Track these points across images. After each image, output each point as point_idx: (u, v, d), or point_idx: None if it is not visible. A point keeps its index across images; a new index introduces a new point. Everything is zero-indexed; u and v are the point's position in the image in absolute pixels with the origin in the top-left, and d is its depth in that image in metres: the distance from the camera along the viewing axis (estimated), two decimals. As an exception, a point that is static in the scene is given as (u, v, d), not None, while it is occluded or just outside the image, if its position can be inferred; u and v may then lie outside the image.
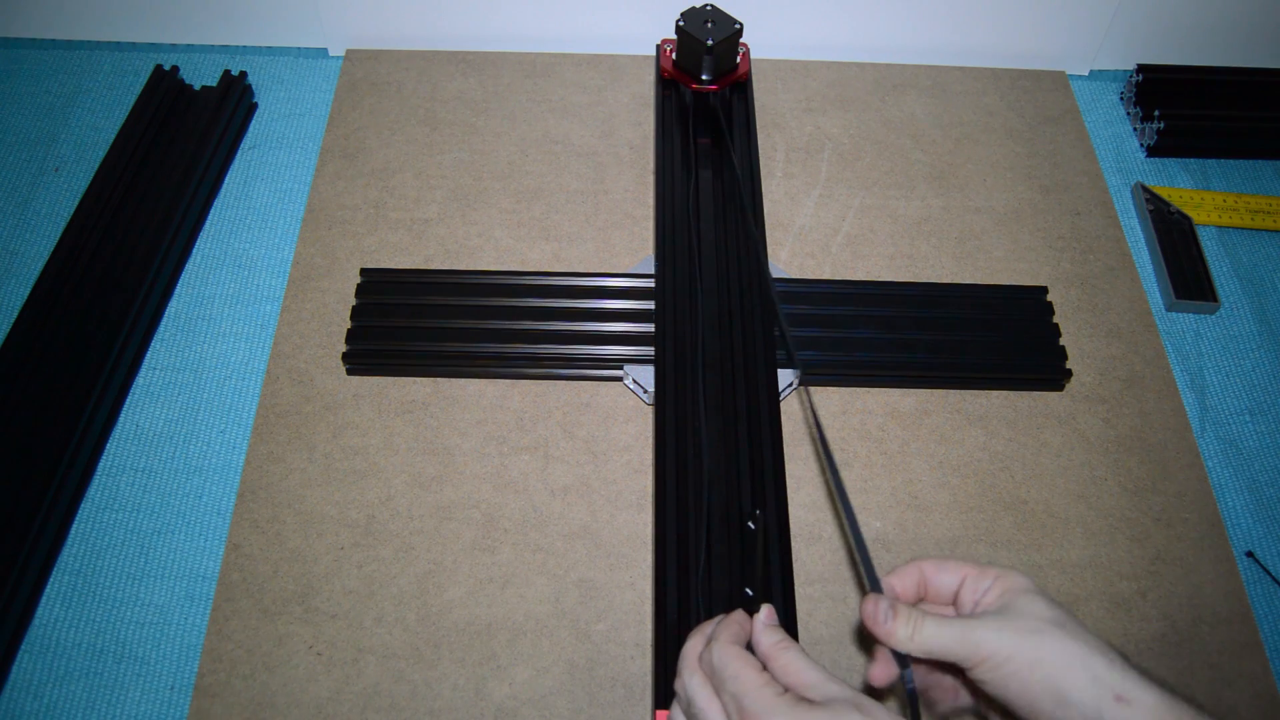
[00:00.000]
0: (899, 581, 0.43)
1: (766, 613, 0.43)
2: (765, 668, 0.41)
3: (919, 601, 0.43)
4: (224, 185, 0.73)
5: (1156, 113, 0.77)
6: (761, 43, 0.77)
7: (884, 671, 0.42)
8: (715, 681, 0.40)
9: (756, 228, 0.64)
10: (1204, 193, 0.75)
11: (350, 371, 0.63)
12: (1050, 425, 0.62)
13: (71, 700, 0.52)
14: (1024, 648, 0.37)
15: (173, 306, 0.67)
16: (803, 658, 0.40)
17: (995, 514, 0.58)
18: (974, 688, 0.42)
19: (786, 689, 0.39)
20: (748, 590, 0.44)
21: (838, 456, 0.60)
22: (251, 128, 0.77)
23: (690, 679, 0.41)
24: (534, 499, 0.58)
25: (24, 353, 0.60)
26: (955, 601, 0.43)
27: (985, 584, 0.41)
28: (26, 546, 0.54)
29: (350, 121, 0.76)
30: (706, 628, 0.44)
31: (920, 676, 0.44)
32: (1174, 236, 0.72)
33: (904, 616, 0.39)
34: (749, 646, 0.43)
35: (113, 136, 0.72)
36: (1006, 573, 0.41)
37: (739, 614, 0.43)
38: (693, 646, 0.43)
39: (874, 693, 0.41)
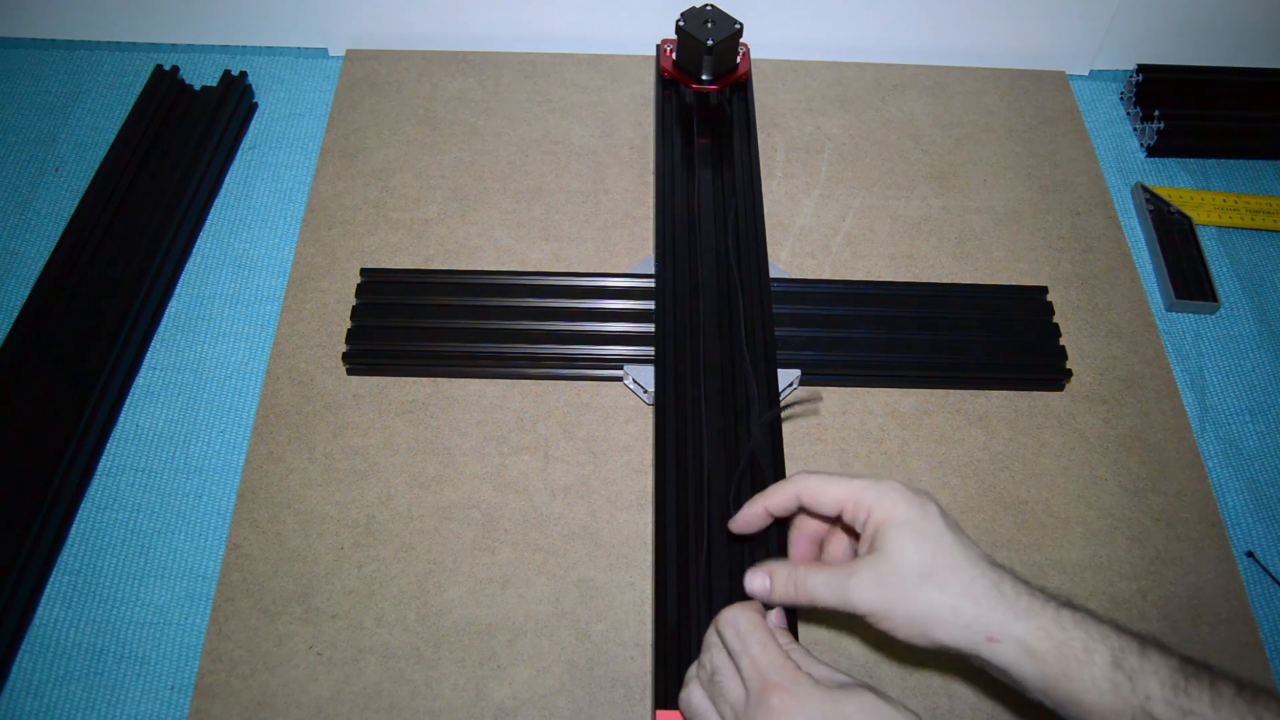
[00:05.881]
0: (776, 501, 0.45)
1: (776, 616, 0.45)
2: None
3: (798, 512, 0.46)
4: (224, 185, 0.73)
5: (1156, 113, 0.77)
6: (761, 43, 0.77)
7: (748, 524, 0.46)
8: (737, 645, 0.41)
9: (754, 228, 0.64)
10: (1204, 193, 0.75)
11: (350, 371, 0.63)
12: (1050, 425, 0.62)
13: (71, 700, 0.52)
14: (897, 605, 0.40)
15: (173, 306, 0.67)
16: (810, 656, 0.43)
17: (995, 514, 0.58)
18: None
19: None
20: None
21: (838, 456, 0.60)
22: (251, 128, 0.77)
23: (725, 630, 0.42)
24: (534, 499, 0.58)
25: (24, 353, 0.60)
26: (839, 521, 0.45)
27: (861, 516, 0.43)
28: (26, 546, 0.54)
29: (350, 121, 0.76)
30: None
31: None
32: (1174, 236, 0.72)
33: (781, 580, 0.43)
34: None
35: (113, 136, 0.72)
36: (880, 500, 0.42)
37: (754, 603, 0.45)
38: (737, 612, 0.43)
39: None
